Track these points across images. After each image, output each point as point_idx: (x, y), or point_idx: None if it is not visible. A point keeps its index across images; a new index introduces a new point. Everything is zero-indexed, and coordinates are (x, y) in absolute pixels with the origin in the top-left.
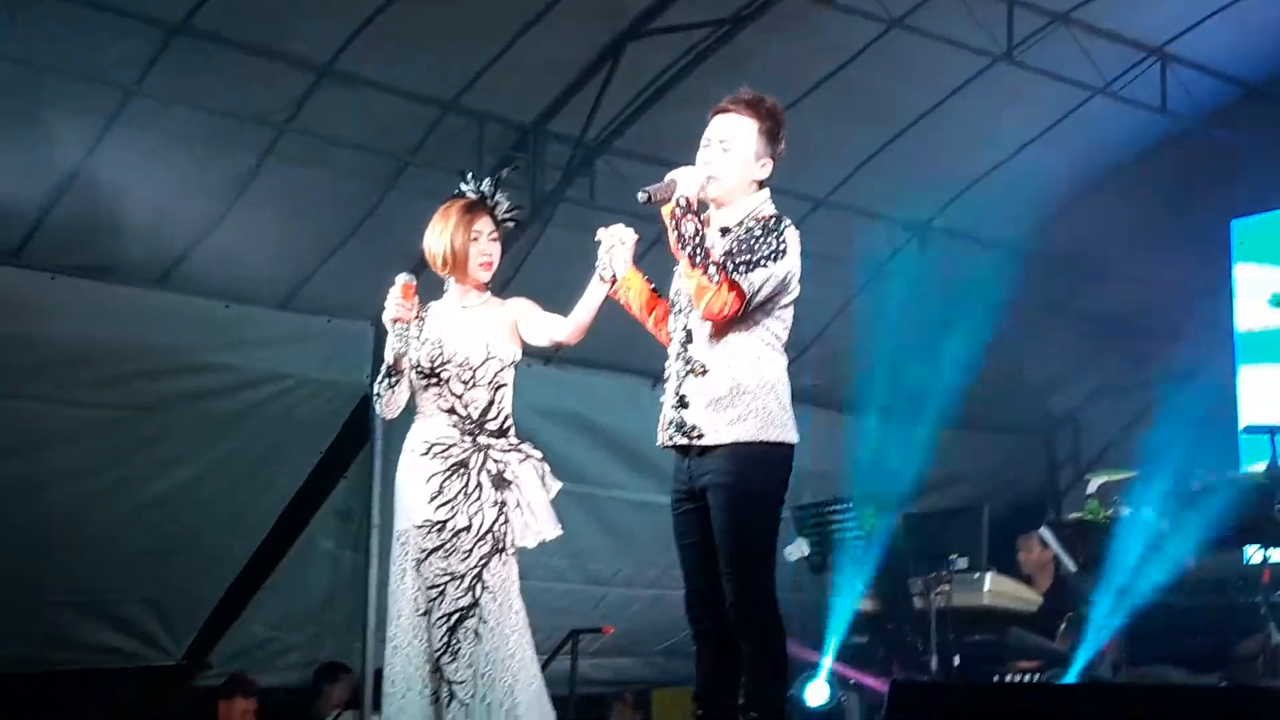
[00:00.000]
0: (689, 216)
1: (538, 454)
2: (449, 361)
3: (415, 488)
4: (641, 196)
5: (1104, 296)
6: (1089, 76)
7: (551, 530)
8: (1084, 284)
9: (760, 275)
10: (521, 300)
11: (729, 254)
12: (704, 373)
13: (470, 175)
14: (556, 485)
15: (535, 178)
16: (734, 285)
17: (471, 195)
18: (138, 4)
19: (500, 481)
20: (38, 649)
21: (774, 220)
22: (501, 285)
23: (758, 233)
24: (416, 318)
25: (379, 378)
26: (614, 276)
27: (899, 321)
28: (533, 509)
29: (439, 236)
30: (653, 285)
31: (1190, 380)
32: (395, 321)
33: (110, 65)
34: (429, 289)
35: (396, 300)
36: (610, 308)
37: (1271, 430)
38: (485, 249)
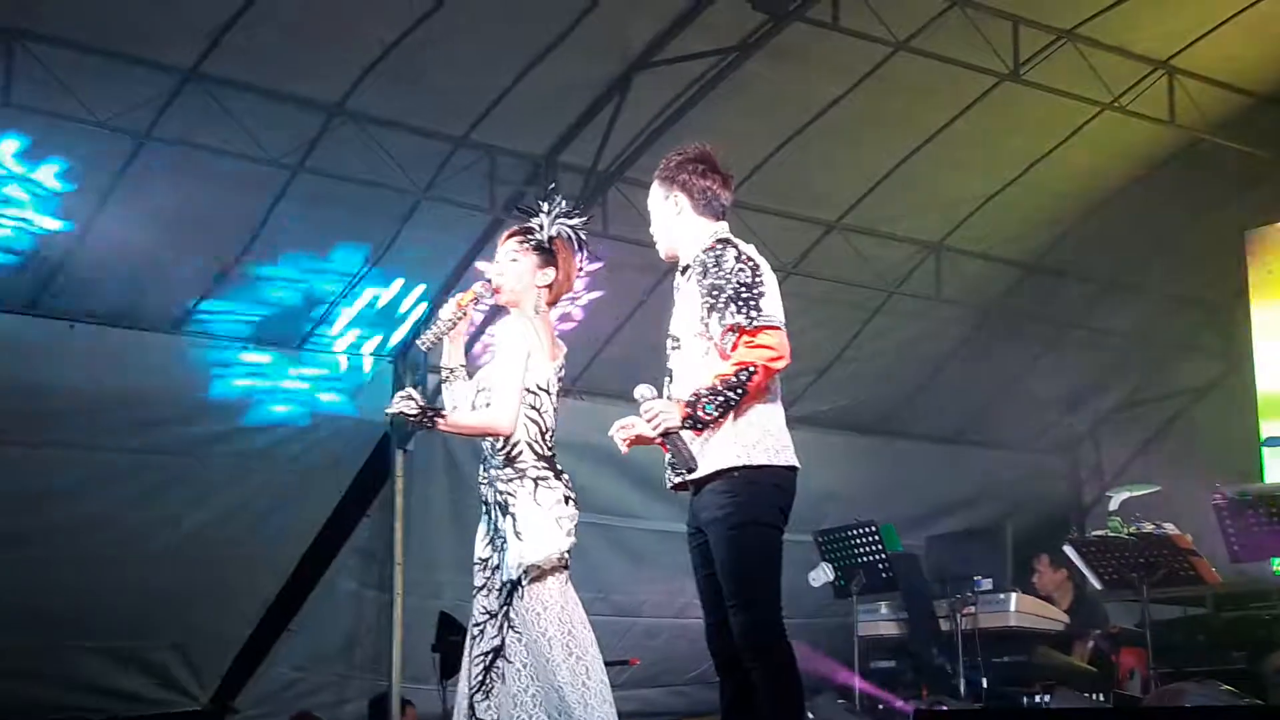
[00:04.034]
0: (675, 437)
1: (533, 470)
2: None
3: (479, 527)
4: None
5: (1120, 312)
6: (1096, 92)
7: (533, 554)
8: (1099, 300)
9: (738, 305)
10: (510, 341)
11: (712, 307)
12: None
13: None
14: (553, 494)
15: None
16: (742, 336)
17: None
18: (149, 51)
19: (504, 512)
20: (64, 696)
21: (713, 251)
22: None
23: (707, 271)
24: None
25: None
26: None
27: (915, 342)
28: (520, 535)
29: None
30: None
31: (1209, 393)
32: (438, 317)
33: (122, 112)
34: None
35: (451, 304)
36: (635, 330)
37: None
38: (493, 270)
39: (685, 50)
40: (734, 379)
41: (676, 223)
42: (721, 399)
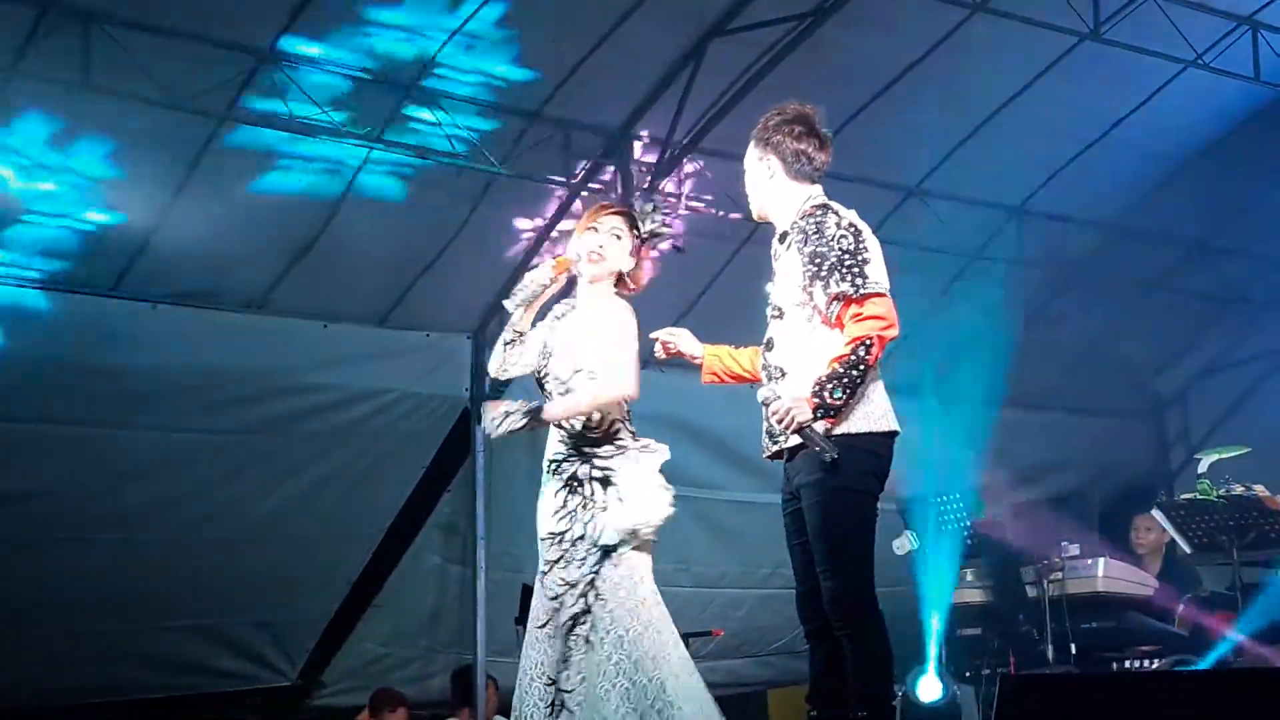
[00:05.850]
0: (809, 430)
1: (637, 443)
2: (547, 375)
3: (543, 503)
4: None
5: (1207, 272)
6: (1179, 50)
7: (639, 517)
8: (1186, 260)
9: (843, 273)
10: (615, 316)
11: (815, 275)
12: (783, 377)
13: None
14: (656, 458)
15: (624, 180)
16: (849, 306)
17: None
18: (225, 31)
19: (605, 485)
20: (154, 674)
21: (812, 217)
22: None
23: (808, 239)
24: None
25: None
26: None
27: (999, 306)
28: (623, 500)
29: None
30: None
31: None
32: (530, 280)
33: (202, 93)
34: None
35: (549, 265)
36: (709, 302)
37: None
38: (595, 240)
39: (760, 17)
40: (852, 358)
41: (769, 186)
42: (846, 380)
